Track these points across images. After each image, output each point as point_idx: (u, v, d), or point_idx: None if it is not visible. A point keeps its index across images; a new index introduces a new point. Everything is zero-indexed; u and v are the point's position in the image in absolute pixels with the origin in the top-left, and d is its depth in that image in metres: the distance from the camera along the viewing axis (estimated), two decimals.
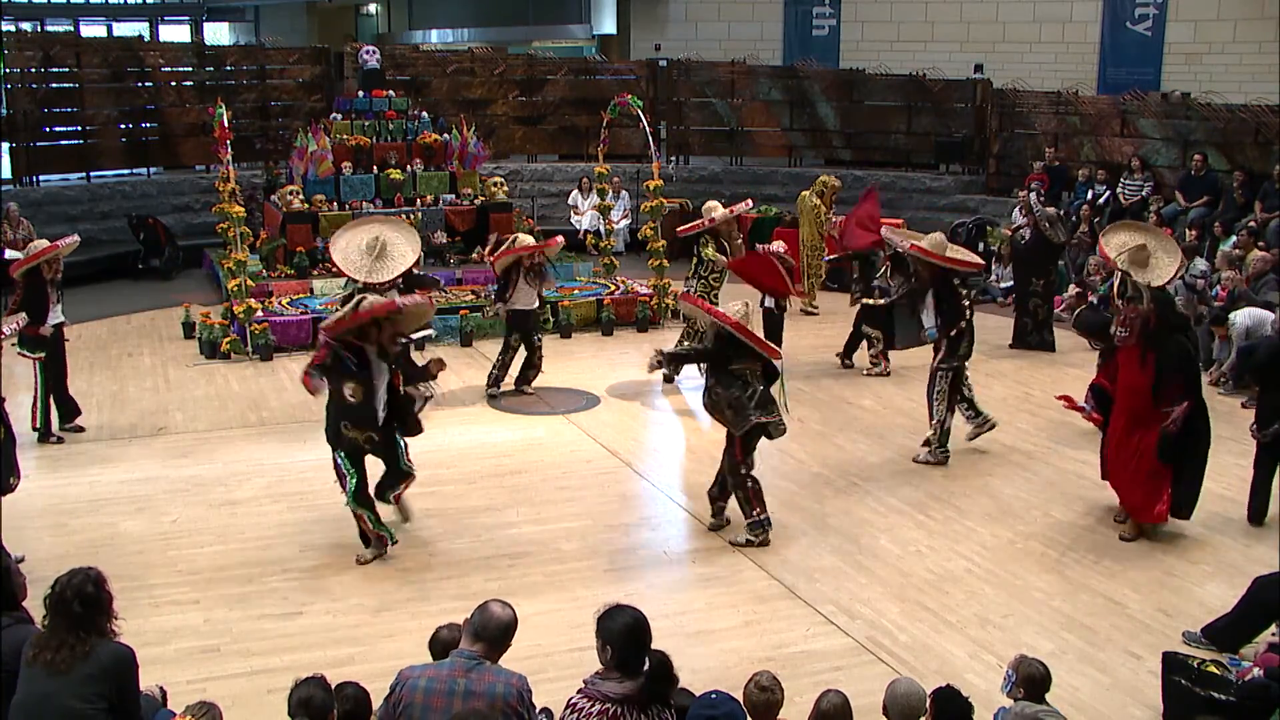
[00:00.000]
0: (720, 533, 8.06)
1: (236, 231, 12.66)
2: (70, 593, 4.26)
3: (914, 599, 7.09)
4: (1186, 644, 6.44)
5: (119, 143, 18.15)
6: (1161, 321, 7.70)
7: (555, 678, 5.59)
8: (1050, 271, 13.13)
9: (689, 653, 6.11)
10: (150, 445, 9.80)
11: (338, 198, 14.82)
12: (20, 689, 4.27)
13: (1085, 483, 9.01)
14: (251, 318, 12.34)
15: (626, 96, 14.55)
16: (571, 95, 19.93)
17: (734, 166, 19.98)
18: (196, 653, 6.37)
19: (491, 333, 13.25)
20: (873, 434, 10.21)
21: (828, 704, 4.55)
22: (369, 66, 15.99)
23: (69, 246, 10.00)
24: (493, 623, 4.23)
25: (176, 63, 19.10)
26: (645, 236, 14.36)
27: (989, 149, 18.29)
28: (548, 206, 18.96)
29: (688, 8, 22.91)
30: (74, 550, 7.47)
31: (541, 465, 9.41)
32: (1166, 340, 7.66)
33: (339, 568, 7.47)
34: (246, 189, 15.51)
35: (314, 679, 4.23)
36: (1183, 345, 7.73)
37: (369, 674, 5.03)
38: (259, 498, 8.66)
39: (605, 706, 4.08)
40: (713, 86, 19.92)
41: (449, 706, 4.05)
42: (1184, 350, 7.72)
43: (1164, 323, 7.71)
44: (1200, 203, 14.69)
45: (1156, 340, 7.66)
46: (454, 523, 8.20)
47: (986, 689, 5.80)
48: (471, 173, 15.58)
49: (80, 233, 16.53)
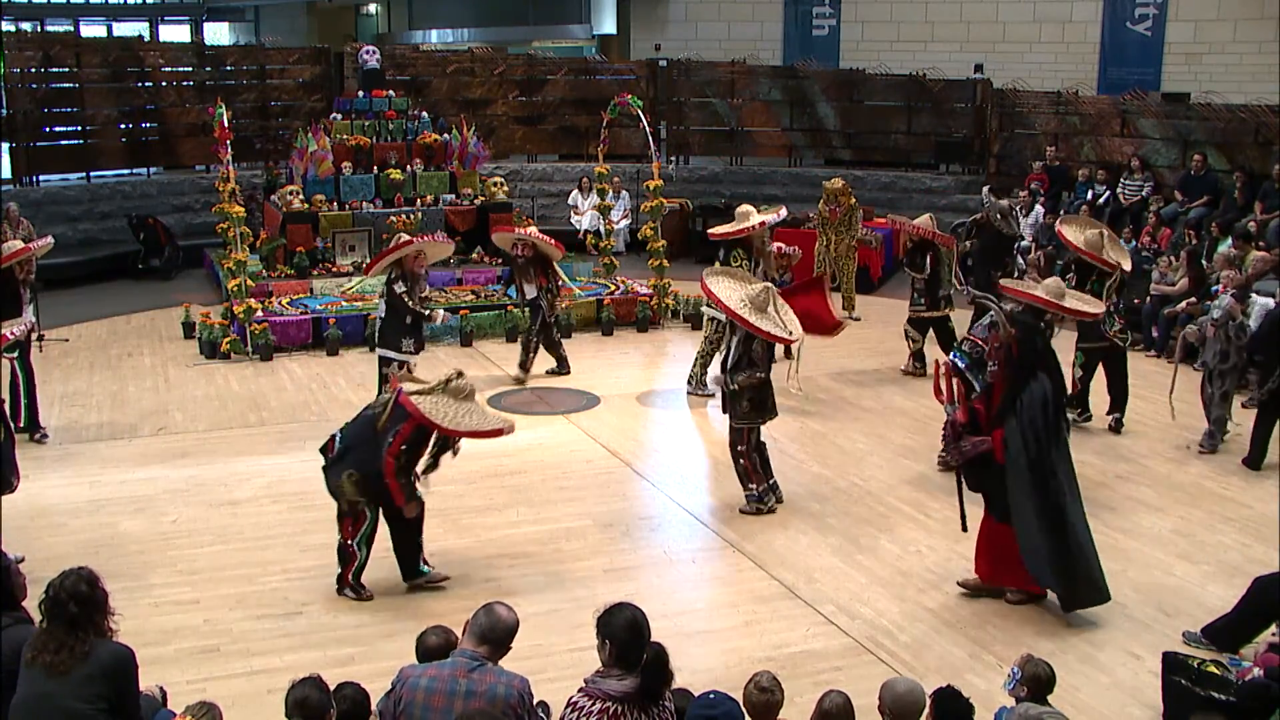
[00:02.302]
0: (720, 532, 8.06)
1: (236, 231, 12.66)
2: (65, 594, 4.25)
3: (914, 599, 7.09)
4: (1186, 644, 6.43)
5: (119, 143, 18.14)
6: (1025, 352, 6.81)
7: (555, 678, 5.59)
8: (1007, 264, 13.34)
9: (689, 653, 6.11)
10: (150, 445, 9.80)
11: (338, 198, 14.82)
12: (20, 689, 4.26)
13: (1085, 482, 8.97)
14: (251, 318, 12.34)
15: (626, 96, 14.55)
16: (571, 95, 19.93)
17: (734, 166, 19.98)
18: (196, 653, 6.37)
19: (491, 333, 13.29)
20: (873, 434, 10.21)
21: (830, 704, 4.54)
22: (369, 66, 15.97)
23: (43, 248, 10.03)
24: (500, 625, 4.26)
25: (176, 63, 19.08)
26: (645, 236, 14.35)
27: (989, 149, 18.29)
28: (548, 206, 18.96)
29: (688, 8, 22.91)
30: (74, 550, 7.46)
31: (541, 465, 9.41)
32: (1025, 377, 6.73)
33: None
34: (246, 189, 15.51)
35: (310, 679, 4.23)
36: (1040, 391, 6.71)
37: (369, 674, 5.04)
38: (259, 498, 8.66)
39: (606, 705, 4.08)
40: (713, 86, 19.91)
41: (450, 707, 4.05)
42: (1039, 396, 6.69)
43: (1027, 355, 6.81)
44: (1200, 203, 14.68)
45: (1017, 373, 6.78)
46: (454, 523, 8.20)
47: (986, 689, 5.81)
48: (471, 173, 15.58)
49: (80, 233, 16.82)
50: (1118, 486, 8.97)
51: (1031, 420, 6.65)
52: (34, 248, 9.87)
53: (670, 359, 12.78)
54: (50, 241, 10.42)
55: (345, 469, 6.86)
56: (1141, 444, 9.91)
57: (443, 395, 6.81)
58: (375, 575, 7.39)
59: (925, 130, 19.04)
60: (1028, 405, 6.65)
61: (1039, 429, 6.66)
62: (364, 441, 6.85)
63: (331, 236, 14.50)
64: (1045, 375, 6.78)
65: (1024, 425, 6.64)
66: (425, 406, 6.73)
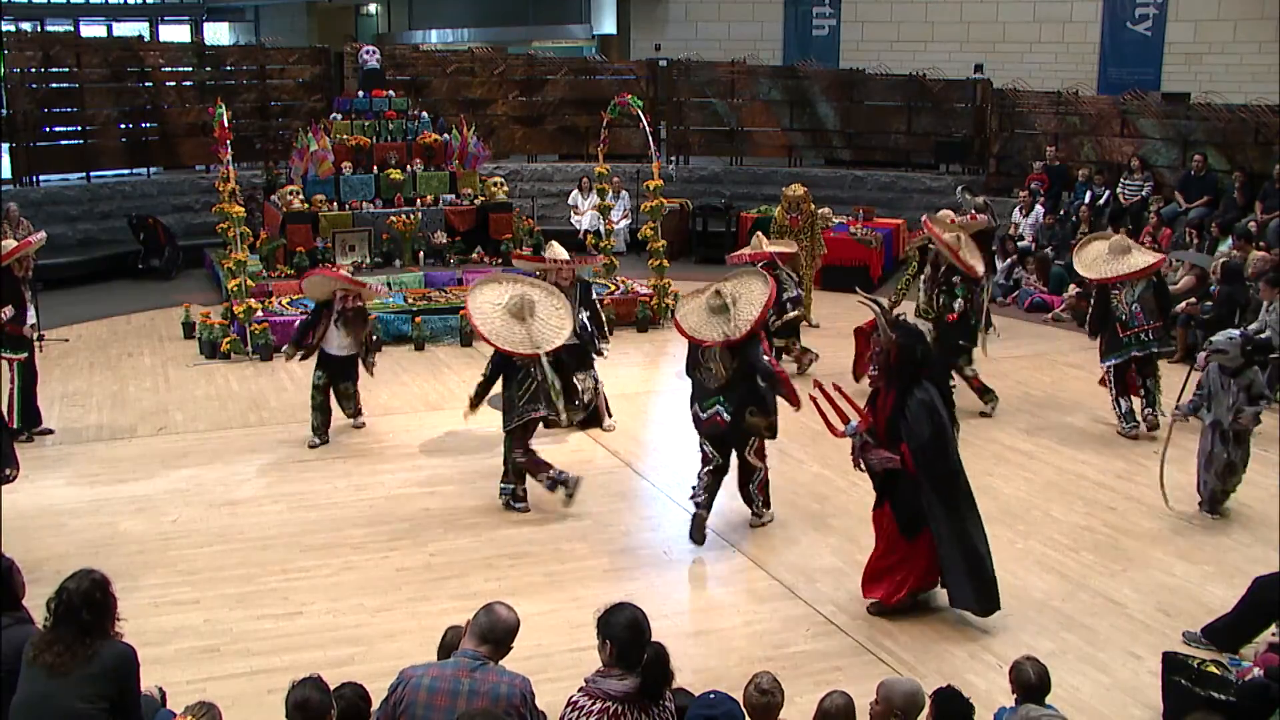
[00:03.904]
0: (720, 532, 8.05)
1: (236, 231, 12.66)
2: (78, 599, 4.25)
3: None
4: (1186, 644, 6.43)
5: (119, 143, 18.13)
6: (903, 360, 6.62)
7: (555, 678, 5.60)
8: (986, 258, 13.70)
9: (689, 653, 6.12)
10: (150, 445, 9.80)
11: (338, 198, 14.83)
12: (21, 689, 4.26)
13: (1085, 483, 9.02)
14: (251, 318, 12.35)
15: (626, 96, 14.54)
16: (571, 95, 19.92)
17: (734, 166, 19.97)
18: (196, 653, 6.38)
19: None
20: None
21: (830, 704, 4.55)
22: (369, 66, 15.98)
23: (38, 243, 10.02)
24: (500, 625, 4.26)
25: (176, 63, 19.07)
26: (645, 236, 14.35)
27: (989, 149, 18.28)
28: (548, 206, 18.96)
29: (688, 8, 22.91)
30: (74, 550, 7.47)
31: None
32: (908, 387, 6.57)
33: (339, 568, 7.47)
34: (246, 189, 15.51)
35: (310, 680, 4.22)
36: (924, 400, 6.49)
37: (369, 674, 5.03)
38: (259, 498, 8.66)
39: (606, 705, 4.09)
40: (713, 86, 19.91)
41: (452, 706, 4.05)
42: (924, 404, 6.48)
43: (906, 363, 6.61)
44: (1200, 203, 14.69)
45: (899, 383, 6.61)
46: (454, 523, 8.20)
47: (986, 689, 5.81)
48: (471, 173, 15.58)
49: (80, 233, 16.82)
50: (1118, 486, 8.96)
51: (918, 430, 6.46)
52: (32, 242, 9.85)
53: (670, 359, 12.76)
54: (43, 236, 10.42)
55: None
56: (1141, 444, 9.90)
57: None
58: (376, 575, 7.40)
59: (925, 130, 19.03)
60: (914, 415, 6.48)
61: (924, 439, 6.46)
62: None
63: (331, 236, 14.51)
64: (928, 383, 6.58)
65: (909, 435, 6.48)
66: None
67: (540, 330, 8.22)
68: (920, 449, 6.47)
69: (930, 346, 6.96)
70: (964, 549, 6.58)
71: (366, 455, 9.58)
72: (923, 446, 6.46)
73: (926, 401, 6.48)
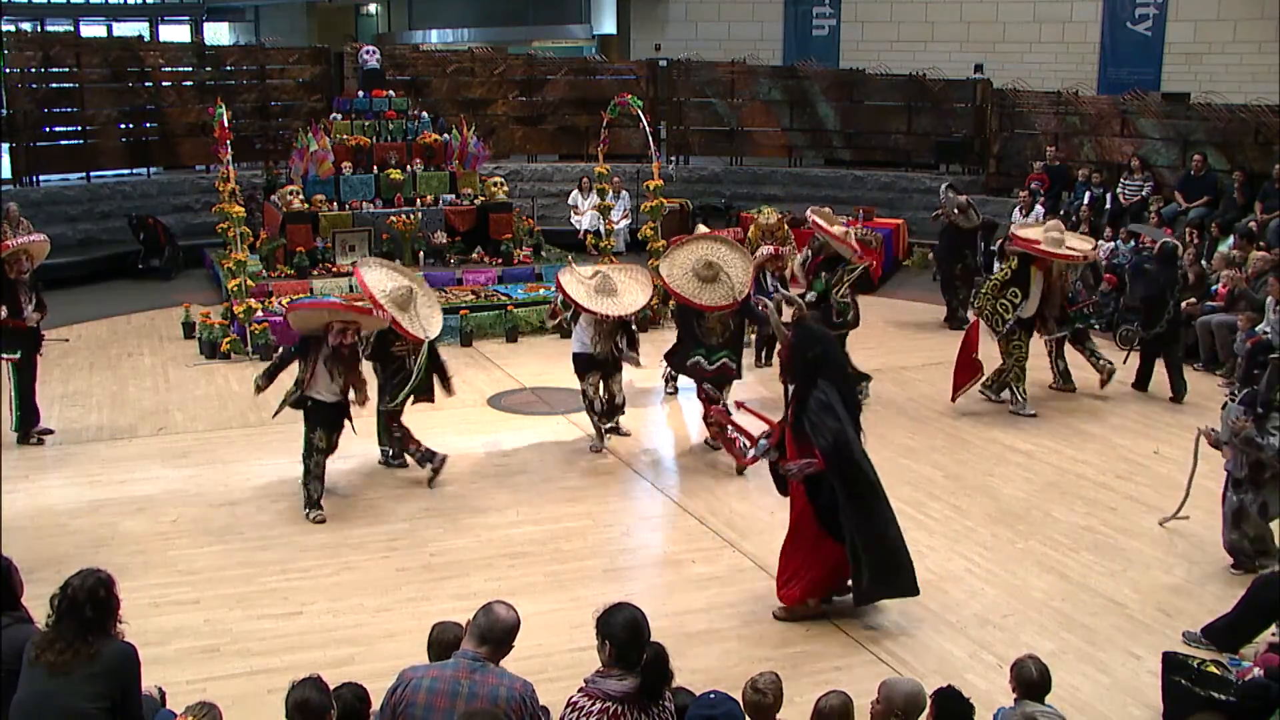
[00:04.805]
0: (721, 533, 8.05)
1: (236, 231, 12.67)
2: (83, 596, 4.25)
3: (914, 599, 7.07)
4: (1186, 644, 6.44)
5: (119, 143, 18.13)
6: (795, 359, 6.68)
7: (555, 678, 5.60)
8: (967, 256, 14.17)
9: (689, 653, 6.12)
10: (150, 445, 9.80)
11: (338, 198, 14.82)
12: (21, 688, 4.26)
13: (1085, 483, 9.03)
14: (251, 318, 12.35)
15: (626, 96, 14.54)
16: (571, 95, 19.92)
17: (734, 166, 19.98)
18: (196, 653, 6.38)
19: (491, 333, 13.28)
20: (873, 434, 10.14)
21: (827, 704, 4.54)
22: (369, 66, 15.98)
23: (28, 245, 9.90)
24: (499, 625, 4.24)
25: (176, 63, 19.08)
26: (645, 236, 14.34)
27: (989, 149, 18.28)
28: (548, 206, 18.95)
29: (688, 8, 22.91)
30: (74, 550, 7.47)
31: (541, 465, 9.42)
32: (804, 384, 6.60)
33: (339, 568, 7.47)
34: (246, 189, 15.50)
35: (310, 680, 4.22)
36: (821, 400, 6.50)
37: (369, 674, 5.03)
38: (259, 498, 8.66)
39: (606, 705, 4.09)
40: (713, 86, 19.91)
41: (452, 708, 4.05)
42: (822, 404, 6.49)
43: (799, 359, 6.65)
44: (1200, 203, 14.67)
45: (797, 384, 6.64)
46: (454, 523, 8.21)
47: (987, 689, 5.81)
48: (471, 173, 15.58)
49: (80, 233, 16.82)
50: (1118, 486, 8.97)
51: (821, 429, 6.47)
52: (31, 241, 9.78)
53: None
54: (42, 238, 10.18)
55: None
56: (1142, 444, 9.91)
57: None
58: (376, 575, 7.40)
59: (925, 130, 19.03)
60: (814, 415, 6.50)
61: (827, 440, 6.45)
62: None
63: (331, 236, 14.51)
64: (826, 382, 6.57)
65: (814, 435, 6.49)
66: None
67: (428, 318, 9.00)
68: (825, 449, 6.47)
69: (831, 347, 6.93)
70: (883, 546, 6.61)
71: (365, 455, 9.57)
72: (825, 447, 6.47)
73: (824, 401, 6.52)
